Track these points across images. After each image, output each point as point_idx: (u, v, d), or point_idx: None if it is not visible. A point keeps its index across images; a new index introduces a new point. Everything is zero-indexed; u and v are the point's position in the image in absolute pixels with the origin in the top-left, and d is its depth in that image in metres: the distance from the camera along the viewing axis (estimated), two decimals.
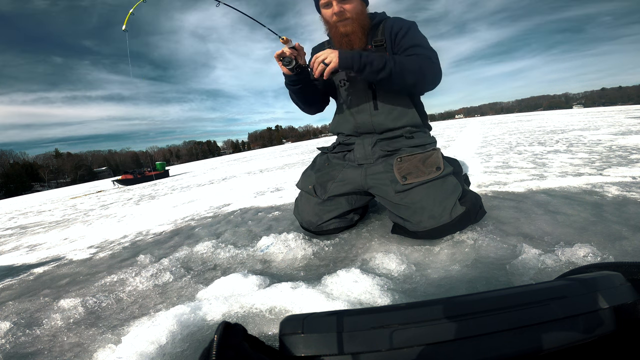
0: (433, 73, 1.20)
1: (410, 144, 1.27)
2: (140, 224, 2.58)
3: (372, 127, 1.32)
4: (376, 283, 0.83)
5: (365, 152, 1.32)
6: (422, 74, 1.17)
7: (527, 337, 0.38)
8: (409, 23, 1.28)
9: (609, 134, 4.29)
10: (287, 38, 1.21)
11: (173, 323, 0.73)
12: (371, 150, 1.31)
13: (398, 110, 1.30)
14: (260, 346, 0.44)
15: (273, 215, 1.98)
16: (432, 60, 1.19)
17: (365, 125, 1.33)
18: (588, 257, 0.84)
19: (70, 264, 1.67)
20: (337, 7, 1.21)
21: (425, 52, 1.20)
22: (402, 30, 1.24)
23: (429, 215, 1.09)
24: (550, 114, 19.30)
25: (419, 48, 1.21)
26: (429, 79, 1.21)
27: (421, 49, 1.21)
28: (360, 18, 1.25)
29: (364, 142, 1.33)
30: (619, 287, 0.41)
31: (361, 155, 1.33)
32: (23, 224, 4.41)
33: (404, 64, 1.15)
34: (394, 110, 1.30)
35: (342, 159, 1.39)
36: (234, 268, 1.19)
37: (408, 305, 0.42)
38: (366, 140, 1.33)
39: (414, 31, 1.26)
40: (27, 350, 0.83)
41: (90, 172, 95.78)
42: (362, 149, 1.33)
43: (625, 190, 1.44)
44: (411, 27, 1.25)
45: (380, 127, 1.31)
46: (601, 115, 10.21)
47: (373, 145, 1.31)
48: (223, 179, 6.08)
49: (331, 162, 1.42)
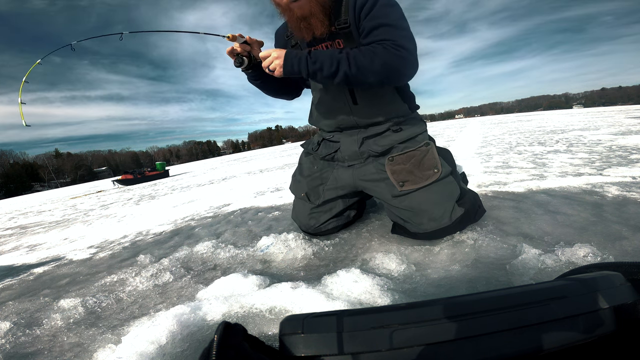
0: (400, 67, 0.99)
1: (400, 138, 1.16)
2: (140, 224, 2.58)
3: (354, 123, 1.20)
4: (376, 283, 0.83)
5: (352, 152, 1.22)
6: (386, 72, 0.98)
7: (527, 337, 0.38)
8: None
9: (609, 134, 4.29)
10: (235, 35, 1.10)
11: (173, 323, 0.73)
12: (359, 150, 1.20)
13: (380, 100, 1.15)
14: (260, 346, 0.44)
15: (273, 215, 1.98)
16: (400, 48, 0.97)
17: (346, 121, 1.21)
18: (588, 257, 0.84)
19: (70, 264, 1.67)
20: None
21: (393, 35, 0.98)
22: (366, 6, 1.02)
23: (429, 217, 1.08)
24: (550, 114, 19.30)
25: (385, 29, 0.99)
26: (397, 76, 1.02)
27: (388, 30, 0.99)
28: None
29: (349, 140, 1.22)
30: (619, 287, 0.41)
31: (349, 156, 1.23)
32: (23, 224, 4.41)
33: (361, 63, 0.96)
34: (376, 101, 1.15)
35: (331, 160, 1.30)
36: (234, 268, 1.19)
37: (408, 305, 0.42)
38: (351, 138, 1.22)
39: (381, 6, 1.02)
40: (27, 350, 0.83)
41: (90, 172, 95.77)
42: (348, 148, 1.22)
43: (625, 190, 1.44)
44: (378, 1, 1.02)
45: (363, 122, 1.19)
46: (601, 115, 10.20)
47: (360, 144, 1.20)
48: (223, 179, 6.08)
49: (319, 163, 1.33)
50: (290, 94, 1.40)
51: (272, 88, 1.30)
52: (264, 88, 1.29)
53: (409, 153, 1.13)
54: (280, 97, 1.39)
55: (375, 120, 1.18)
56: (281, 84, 1.29)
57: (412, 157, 1.13)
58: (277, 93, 1.35)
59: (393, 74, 1.01)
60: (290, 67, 1.01)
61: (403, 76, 1.05)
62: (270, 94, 1.35)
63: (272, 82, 1.23)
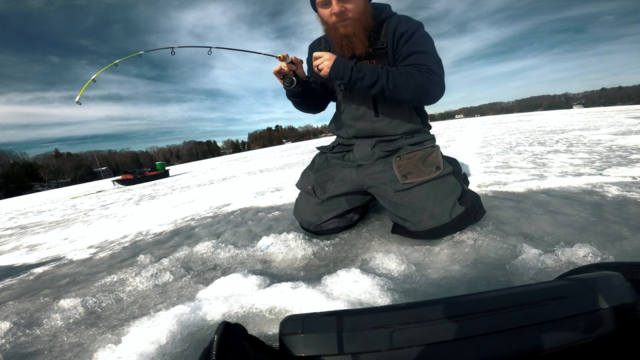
0: (431, 90, 1.11)
1: (409, 142, 1.25)
2: (140, 224, 2.58)
3: (372, 133, 1.30)
4: (376, 283, 0.83)
5: (364, 152, 1.29)
6: (418, 92, 1.10)
7: (527, 337, 0.38)
8: (415, 25, 1.16)
9: (609, 134, 4.29)
10: (284, 55, 1.19)
11: (173, 323, 0.73)
12: (370, 151, 1.28)
13: (400, 116, 1.26)
14: (260, 346, 0.44)
15: (273, 215, 1.98)
16: (433, 73, 1.10)
17: (365, 130, 1.30)
18: (588, 257, 0.84)
19: (70, 264, 1.67)
20: (338, 7, 1.09)
21: (427, 61, 1.11)
22: (406, 34, 1.14)
23: (428, 215, 1.09)
24: (550, 114, 19.30)
25: (421, 56, 1.12)
26: (426, 97, 1.14)
27: (423, 57, 1.12)
28: (363, 18, 1.13)
29: (363, 143, 1.30)
30: (619, 287, 0.41)
31: (360, 156, 1.30)
32: (23, 224, 4.41)
33: (398, 81, 1.08)
34: (396, 116, 1.26)
35: (342, 159, 1.36)
36: (234, 268, 1.19)
37: (408, 305, 0.42)
38: (366, 142, 1.30)
39: (419, 36, 1.15)
40: (27, 350, 0.83)
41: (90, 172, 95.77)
42: (361, 150, 1.30)
43: (625, 190, 1.44)
44: (417, 31, 1.15)
45: (381, 132, 1.28)
46: (601, 115, 10.20)
47: (373, 146, 1.28)
48: (223, 179, 6.07)
49: (330, 162, 1.39)
50: (320, 108, 1.52)
51: (306, 104, 1.43)
52: (300, 104, 1.42)
53: (416, 152, 1.21)
54: (310, 111, 1.50)
55: (392, 133, 1.28)
56: (314, 99, 1.42)
57: (418, 155, 1.20)
58: (310, 108, 1.47)
59: (424, 95, 1.13)
60: (336, 70, 1.11)
61: (432, 98, 1.16)
62: (302, 109, 1.47)
63: (308, 98, 1.37)
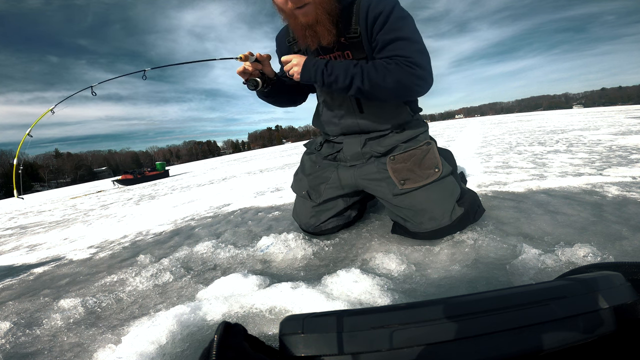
0: (414, 85, 0.99)
1: (402, 138, 1.17)
2: (140, 224, 2.58)
3: (359, 129, 1.22)
4: (376, 283, 0.83)
5: (355, 152, 1.22)
6: (399, 89, 0.99)
7: (527, 337, 0.38)
8: (390, 4, 0.99)
9: (609, 134, 4.28)
10: (246, 54, 1.07)
11: (173, 323, 0.73)
12: (361, 150, 1.21)
13: (386, 110, 1.17)
14: (260, 346, 0.44)
15: (273, 215, 1.98)
16: (415, 66, 0.96)
17: (351, 128, 1.23)
18: (588, 257, 0.84)
19: (70, 264, 1.67)
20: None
21: (408, 51, 0.97)
22: (380, 18, 0.98)
23: (429, 216, 1.08)
24: (550, 113, 19.30)
25: (400, 44, 0.98)
26: (409, 93, 1.03)
27: (403, 45, 0.97)
28: (325, 1, 0.96)
29: (352, 142, 1.23)
30: (619, 287, 0.41)
31: (351, 156, 1.24)
32: (23, 224, 4.41)
33: (375, 80, 0.97)
34: (382, 110, 1.16)
35: (333, 160, 1.31)
36: (234, 268, 1.19)
37: (408, 305, 0.42)
38: (354, 140, 1.23)
39: (395, 19, 0.98)
40: (27, 350, 0.83)
41: (90, 172, 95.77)
42: (351, 149, 1.23)
43: (625, 190, 1.44)
44: (392, 12, 0.98)
45: (368, 129, 1.21)
46: (601, 115, 10.20)
47: (363, 145, 1.21)
48: (223, 179, 6.07)
49: (321, 162, 1.34)
50: (297, 102, 1.41)
51: (281, 101, 1.33)
52: (274, 103, 1.33)
53: (410, 152, 1.15)
54: (288, 106, 1.41)
55: (380, 128, 1.20)
56: (289, 95, 1.32)
57: (413, 156, 1.14)
58: (287, 103, 1.38)
59: (405, 91, 1.02)
60: (307, 74, 1.04)
61: (415, 93, 1.06)
62: (278, 106, 1.37)
63: (281, 95, 1.27)
